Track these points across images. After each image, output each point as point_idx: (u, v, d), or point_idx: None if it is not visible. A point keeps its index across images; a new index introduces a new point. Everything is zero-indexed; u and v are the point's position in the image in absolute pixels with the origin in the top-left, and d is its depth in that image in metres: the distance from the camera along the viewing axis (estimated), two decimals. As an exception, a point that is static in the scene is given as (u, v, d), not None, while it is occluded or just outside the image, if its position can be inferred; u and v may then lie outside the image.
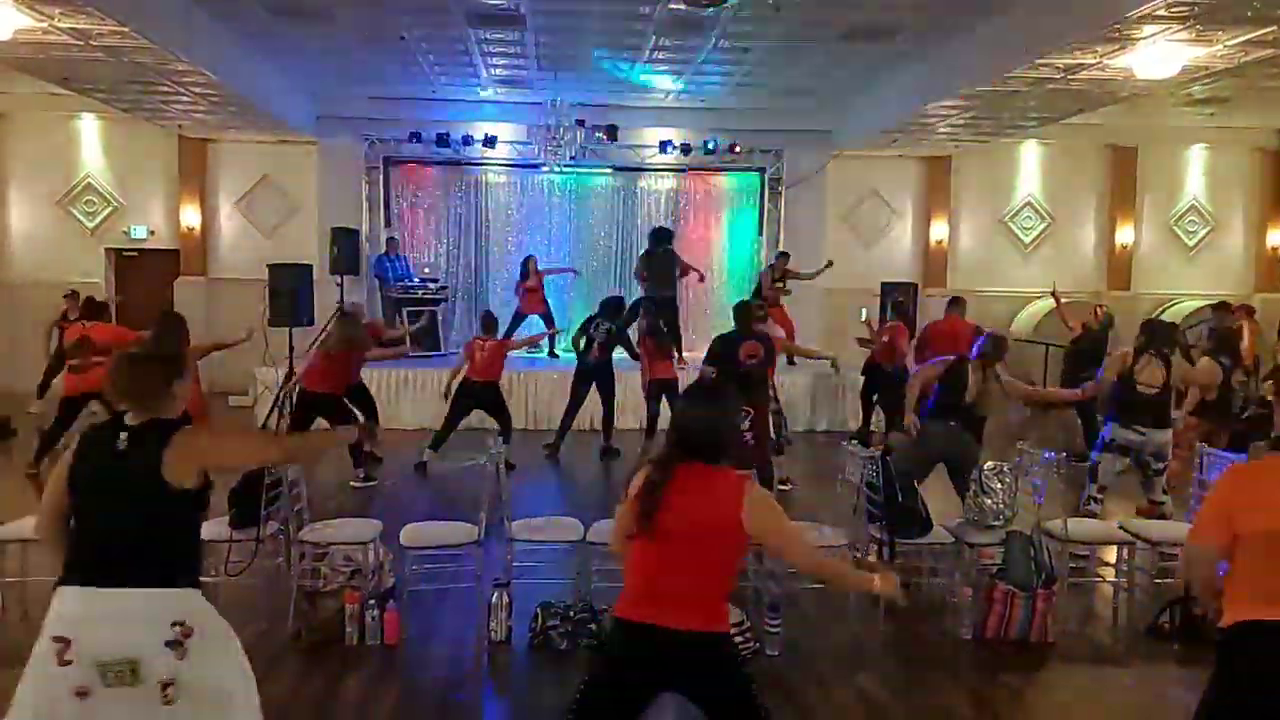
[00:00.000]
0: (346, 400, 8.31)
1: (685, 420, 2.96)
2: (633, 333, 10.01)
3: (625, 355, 9.73)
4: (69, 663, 2.67)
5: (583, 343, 9.50)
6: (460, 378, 8.87)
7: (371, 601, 4.90)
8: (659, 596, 2.80)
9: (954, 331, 9.51)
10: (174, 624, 2.73)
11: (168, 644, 2.71)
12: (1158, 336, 6.53)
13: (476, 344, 8.91)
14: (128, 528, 2.79)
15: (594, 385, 9.52)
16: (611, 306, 9.66)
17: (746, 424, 6.90)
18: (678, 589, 2.80)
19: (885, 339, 9.93)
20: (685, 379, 8.72)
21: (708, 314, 13.52)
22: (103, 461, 2.83)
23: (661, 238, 12.10)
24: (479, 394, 8.84)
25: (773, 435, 8.11)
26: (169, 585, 2.79)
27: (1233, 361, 7.52)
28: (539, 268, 12.42)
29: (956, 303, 10.24)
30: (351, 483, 8.21)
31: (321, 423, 8.03)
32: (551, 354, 12.32)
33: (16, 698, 2.74)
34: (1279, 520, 2.64)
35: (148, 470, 2.78)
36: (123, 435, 2.84)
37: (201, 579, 3.01)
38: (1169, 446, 6.38)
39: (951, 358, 6.48)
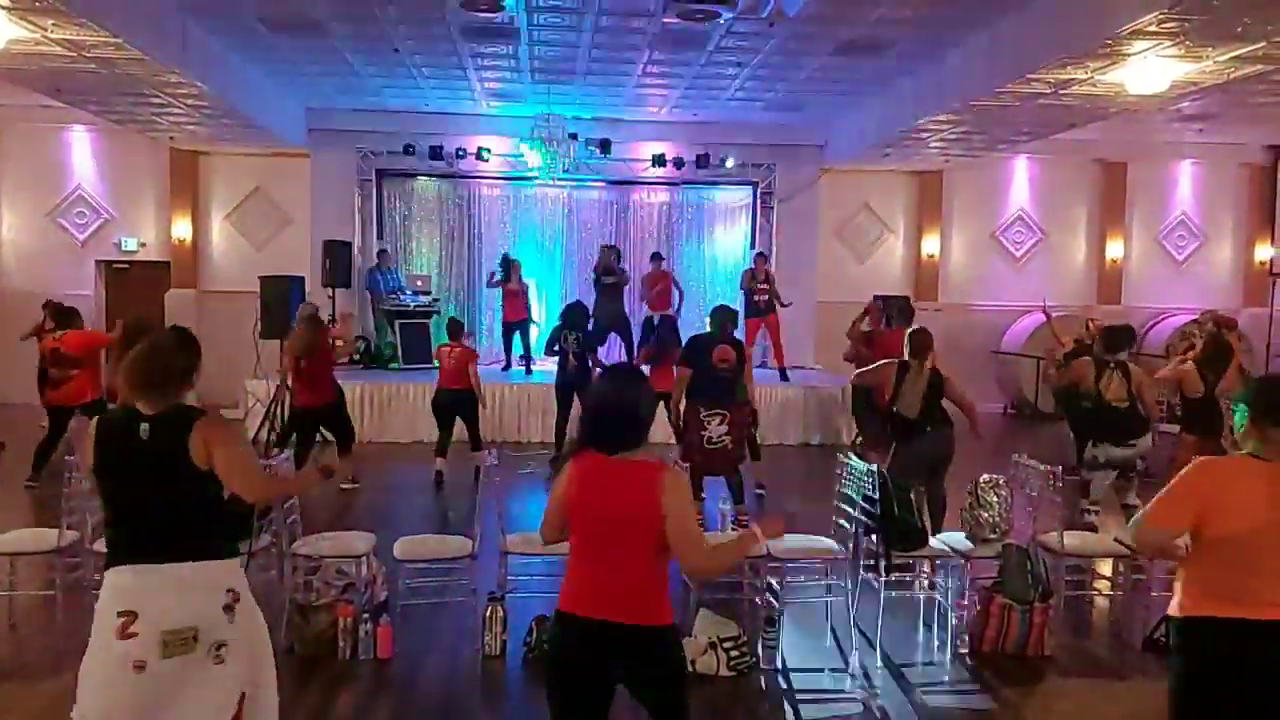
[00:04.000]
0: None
1: (600, 405, 2.92)
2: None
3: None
4: (133, 635, 2.83)
5: (556, 355, 9.48)
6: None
7: (365, 615, 4.86)
8: (599, 591, 2.80)
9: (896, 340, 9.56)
10: (228, 590, 2.99)
11: (224, 609, 2.95)
12: (1117, 343, 6.55)
13: (444, 350, 8.86)
14: (165, 509, 2.97)
15: (575, 396, 9.44)
16: (576, 314, 9.62)
17: (724, 428, 6.90)
18: (615, 583, 2.79)
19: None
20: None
21: (699, 329, 13.51)
22: (128, 450, 2.97)
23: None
24: (451, 399, 8.78)
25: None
26: (215, 557, 3.02)
27: (1216, 374, 7.50)
28: (522, 275, 12.29)
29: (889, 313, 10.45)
30: (341, 485, 8.26)
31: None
32: (527, 371, 12.15)
33: (82, 675, 2.93)
34: (1247, 523, 2.71)
35: (174, 456, 2.95)
36: (143, 426, 2.96)
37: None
38: (1149, 449, 6.76)
39: (894, 361, 6.55)
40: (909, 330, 6.69)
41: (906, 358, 6.40)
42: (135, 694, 2.84)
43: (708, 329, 7.55)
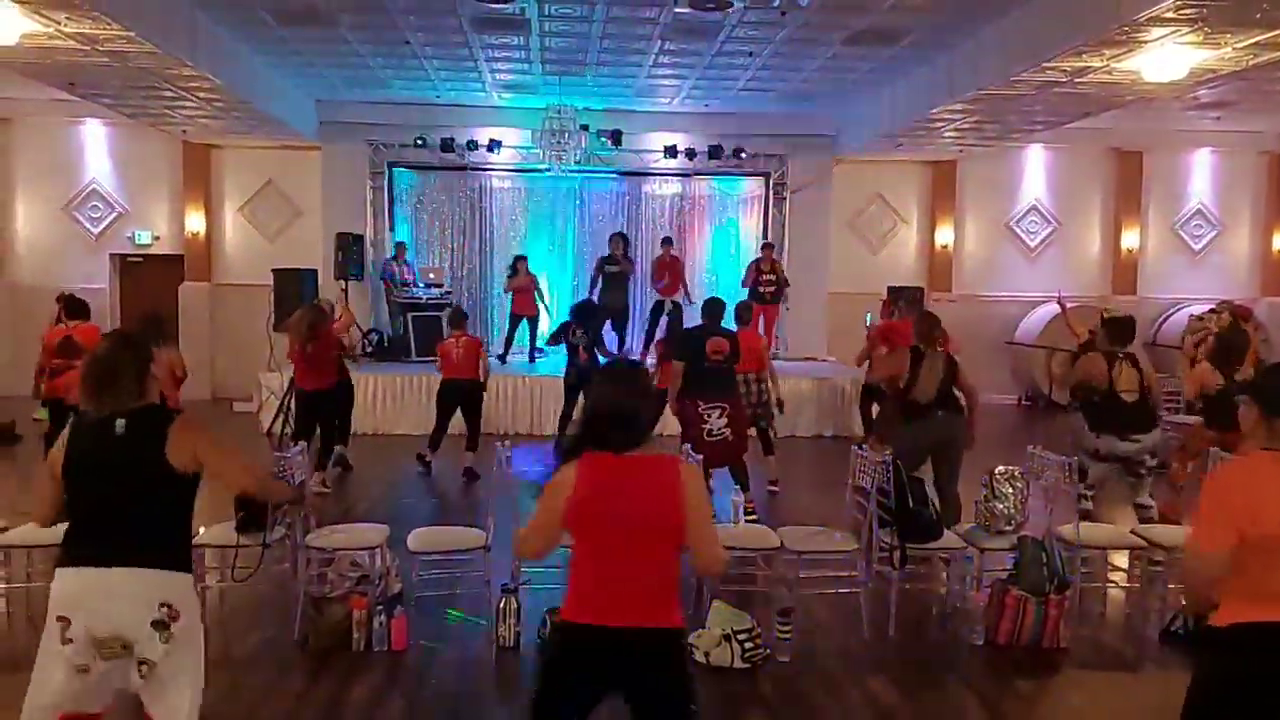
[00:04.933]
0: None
1: (603, 405, 2.78)
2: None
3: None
4: (70, 641, 2.74)
5: (564, 349, 9.46)
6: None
7: (379, 607, 4.86)
8: (610, 595, 2.68)
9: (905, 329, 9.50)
10: (162, 605, 2.79)
11: (154, 624, 2.77)
12: (1124, 334, 6.48)
13: (450, 342, 8.76)
14: (128, 510, 2.84)
15: (581, 391, 9.41)
16: (584, 311, 9.58)
17: (724, 421, 6.89)
18: (632, 586, 2.68)
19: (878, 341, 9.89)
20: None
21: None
22: (102, 447, 2.86)
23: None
24: (459, 391, 8.70)
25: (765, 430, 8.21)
26: (162, 567, 2.85)
27: (1231, 366, 7.44)
28: (529, 269, 12.31)
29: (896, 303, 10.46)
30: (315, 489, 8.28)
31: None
32: (531, 359, 12.20)
33: (33, 676, 2.82)
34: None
35: (153, 453, 2.84)
36: (119, 421, 2.86)
37: (207, 585, 3.00)
38: (1160, 444, 6.45)
39: (906, 350, 6.52)
40: (916, 317, 6.65)
41: (918, 344, 6.36)
42: (82, 691, 2.78)
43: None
